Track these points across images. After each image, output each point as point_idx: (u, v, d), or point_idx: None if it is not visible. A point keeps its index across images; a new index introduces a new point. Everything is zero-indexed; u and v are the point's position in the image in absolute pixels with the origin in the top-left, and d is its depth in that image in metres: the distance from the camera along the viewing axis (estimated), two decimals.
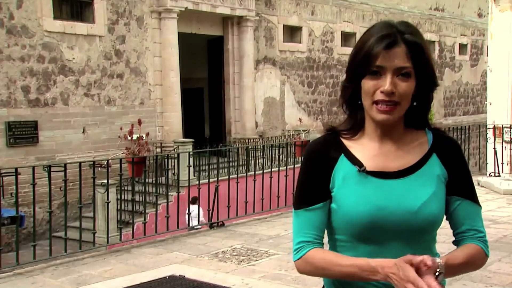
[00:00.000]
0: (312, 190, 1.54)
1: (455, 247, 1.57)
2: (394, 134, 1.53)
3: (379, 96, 1.44)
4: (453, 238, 1.60)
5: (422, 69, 1.46)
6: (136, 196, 8.61)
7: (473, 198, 1.58)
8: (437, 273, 1.38)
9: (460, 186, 1.55)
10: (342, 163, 1.53)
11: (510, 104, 10.92)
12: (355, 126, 1.56)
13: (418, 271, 1.35)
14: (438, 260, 1.40)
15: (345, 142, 1.56)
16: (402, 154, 1.53)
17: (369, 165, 1.51)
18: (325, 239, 1.61)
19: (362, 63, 1.47)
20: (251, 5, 17.56)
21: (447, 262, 1.42)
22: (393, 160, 1.52)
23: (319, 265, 1.50)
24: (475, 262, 1.54)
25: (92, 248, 6.51)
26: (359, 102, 1.51)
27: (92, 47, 14.11)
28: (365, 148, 1.54)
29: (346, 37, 21.54)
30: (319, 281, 1.71)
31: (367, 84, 1.46)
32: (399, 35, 1.45)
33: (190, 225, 8.16)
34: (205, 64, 18.80)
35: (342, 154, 1.54)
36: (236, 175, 7.92)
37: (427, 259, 1.35)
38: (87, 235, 6.65)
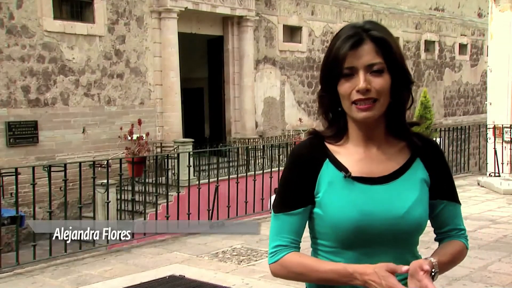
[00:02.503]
0: (294, 194, 1.52)
1: (437, 243, 1.62)
2: (377, 138, 1.52)
3: (355, 96, 1.43)
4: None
5: (394, 64, 1.45)
6: (136, 196, 8.60)
7: (455, 199, 1.61)
8: (433, 273, 1.41)
9: (443, 189, 1.57)
10: (327, 168, 1.51)
11: (510, 104, 10.92)
12: (339, 132, 1.55)
13: (414, 276, 1.37)
14: (433, 260, 1.43)
15: (329, 147, 1.55)
16: (387, 158, 1.52)
17: (354, 171, 1.50)
18: (304, 244, 1.61)
19: (332, 68, 1.47)
20: (251, 5, 17.55)
21: (439, 260, 1.45)
22: (378, 165, 1.51)
23: (296, 270, 1.50)
24: (460, 257, 1.60)
25: (92, 248, 6.51)
26: (340, 109, 1.50)
27: (92, 47, 14.10)
28: (350, 153, 1.53)
29: None
30: None
31: (343, 87, 1.45)
32: (364, 33, 1.45)
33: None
34: (205, 64, 18.80)
35: (327, 159, 1.52)
36: (236, 175, 7.92)
37: (423, 263, 1.37)
38: None
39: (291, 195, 1.53)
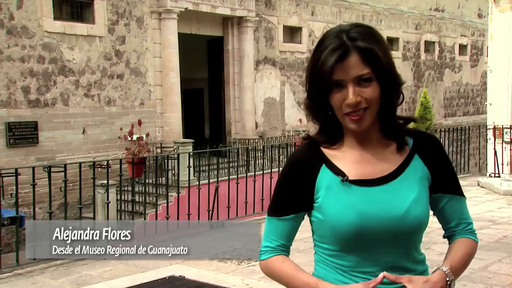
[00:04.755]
0: (287, 200, 1.54)
1: (447, 240, 1.60)
2: (372, 140, 1.52)
3: (346, 108, 1.43)
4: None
5: (382, 73, 1.43)
6: (136, 196, 8.60)
7: (459, 192, 1.59)
8: (448, 281, 1.42)
9: (445, 183, 1.56)
10: (324, 173, 1.51)
11: (510, 105, 10.92)
12: (333, 136, 1.55)
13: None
14: (444, 269, 1.44)
15: (325, 151, 1.55)
16: (383, 159, 1.52)
17: (351, 174, 1.50)
18: (307, 244, 1.61)
19: (320, 82, 1.46)
20: (251, 5, 17.56)
21: (451, 267, 1.45)
22: (375, 167, 1.51)
23: (276, 273, 1.55)
24: (472, 256, 1.57)
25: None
26: (330, 112, 1.49)
27: (92, 47, 14.11)
28: (346, 157, 1.53)
29: None
30: None
31: (334, 98, 1.45)
32: (350, 44, 1.42)
33: None
34: (205, 65, 18.80)
35: (324, 164, 1.52)
36: (236, 176, 7.93)
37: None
38: None
39: (284, 200, 1.55)
